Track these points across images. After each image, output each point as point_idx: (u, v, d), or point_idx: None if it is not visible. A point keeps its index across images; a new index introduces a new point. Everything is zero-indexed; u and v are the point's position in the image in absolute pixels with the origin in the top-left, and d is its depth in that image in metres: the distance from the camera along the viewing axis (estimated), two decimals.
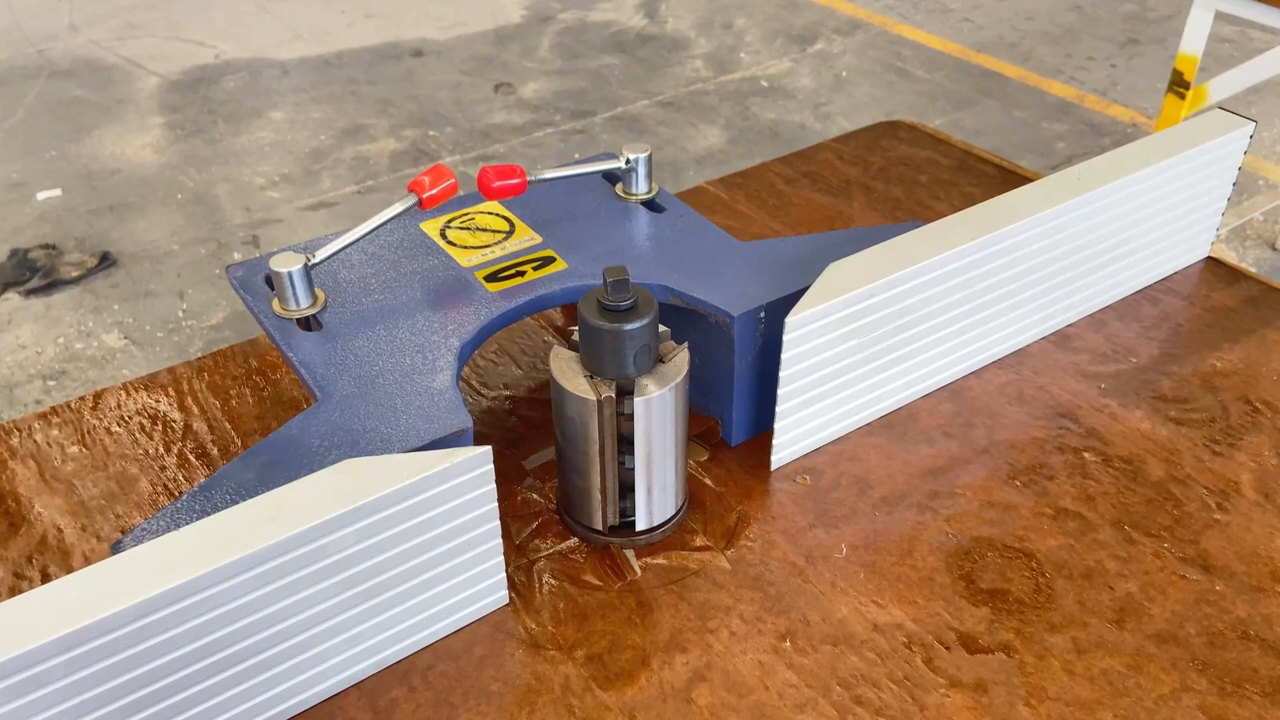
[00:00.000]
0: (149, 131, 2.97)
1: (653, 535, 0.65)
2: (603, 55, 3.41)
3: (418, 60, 3.38)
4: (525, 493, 0.69)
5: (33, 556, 0.65)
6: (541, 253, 0.72)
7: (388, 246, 0.73)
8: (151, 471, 0.71)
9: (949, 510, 0.67)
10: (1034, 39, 3.45)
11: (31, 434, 0.74)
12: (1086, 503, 0.67)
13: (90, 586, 0.47)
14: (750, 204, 0.99)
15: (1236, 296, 0.85)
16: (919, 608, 0.61)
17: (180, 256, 2.43)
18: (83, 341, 2.18)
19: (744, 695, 0.56)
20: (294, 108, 3.09)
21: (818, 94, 3.14)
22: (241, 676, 0.52)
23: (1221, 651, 0.58)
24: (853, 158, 1.07)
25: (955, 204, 0.99)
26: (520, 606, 0.61)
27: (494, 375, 0.79)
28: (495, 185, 0.71)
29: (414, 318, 0.66)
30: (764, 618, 0.60)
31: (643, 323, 0.57)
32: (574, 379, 0.59)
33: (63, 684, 0.46)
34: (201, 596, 0.48)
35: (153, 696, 0.49)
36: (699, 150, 2.84)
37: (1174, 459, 0.70)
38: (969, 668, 0.57)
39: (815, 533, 0.65)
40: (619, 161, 0.77)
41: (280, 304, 0.66)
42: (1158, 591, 0.61)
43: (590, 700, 0.56)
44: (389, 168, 2.78)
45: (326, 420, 0.59)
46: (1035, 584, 0.62)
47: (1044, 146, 2.82)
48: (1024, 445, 0.72)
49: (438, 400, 0.60)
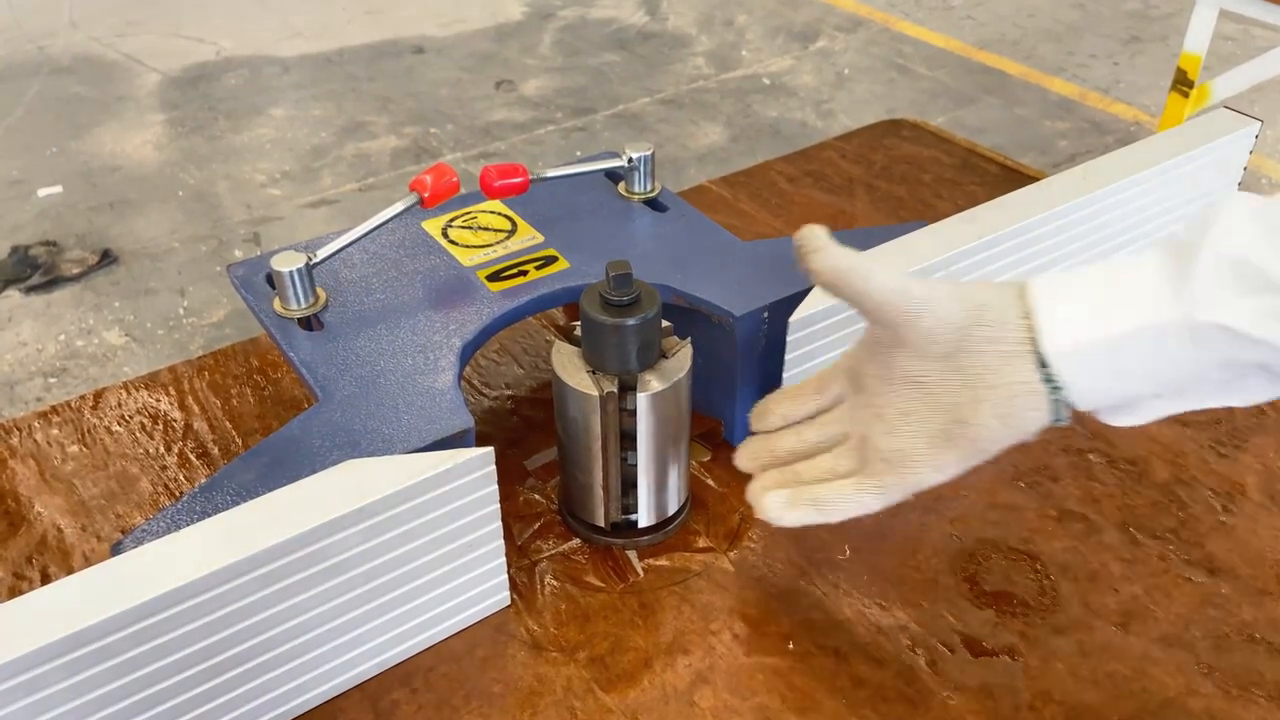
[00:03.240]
0: (149, 128, 2.97)
1: (655, 536, 0.65)
2: (604, 52, 3.41)
3: (418, 57, 3.38)
4: (527, 493, 0.68)
5: (33, 557, 0.65)
6: (543, 252, 0.72)
7: (389, 245, 0.73)
8: (152, 471, 0.70)
9: (953, 512, 0.67)
10: (1036, 36, 3.44)
11: (31, 433, 0.74)
12: (1091, 504, 0.67)
13: (91, 588, 0.47)
14: (753, 203, 0.99)
15: None
16: (923, 610, 0.60)
17: (181, 254, 2.43)
18: (83, 339, 2.17)
19: (747, 698, 0.56)
20: (294, 105, 3.09)
21: (819, 91, 3.14)
22: (243, 678, 0.52)
23: (1227, 654, 0.58)
24: (855, 156, 1.07)
25: (959, 203, 0.98)
26: (522, 608, 0.61)
27: (496, 375, 0.79)
28: (497, 184, 0.70)
29: (416, 317, 0.66)
30: (767, 620, 0.60)
31: (645, 317, 0.57)
32: (576, 374, 0.59)
33: (63, 686, 0.46)
34: (203, 598, 0.48)
35: (154, 698, 0.49)
36: (700, 148, 2.84)
37: (1179, 461, 0.70)
38: (973, 671, 0.57)
39: (818, 534, 0.65)
40: (621, 160, 0.77)
41: (281, 303, 0.66)
42: (1163, 594, 0.61)
43: (592, 702, 0.56)
44: (390, 165, 2.78)
45: (328, 420, 0.58)
46: (1040, 586, 0.62)
47: (1046, 144, 2.81)
48: (1028, 446, 0.71)
49: (439, 400, 0.59)
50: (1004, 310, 0.49)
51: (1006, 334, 0.49)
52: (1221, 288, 0.46)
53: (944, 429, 0.51)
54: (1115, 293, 0.48)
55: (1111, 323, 0.47)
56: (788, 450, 0.57)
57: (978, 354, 0.49)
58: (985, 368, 0.49)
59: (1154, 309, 0.47)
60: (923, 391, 0.51)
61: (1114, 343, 0.47)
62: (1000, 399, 0.49)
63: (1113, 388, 0.49)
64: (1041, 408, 0.49)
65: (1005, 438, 0.50)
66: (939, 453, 0.51)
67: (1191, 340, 0.46)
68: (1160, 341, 0.47)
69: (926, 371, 0.51)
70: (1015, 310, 0.49)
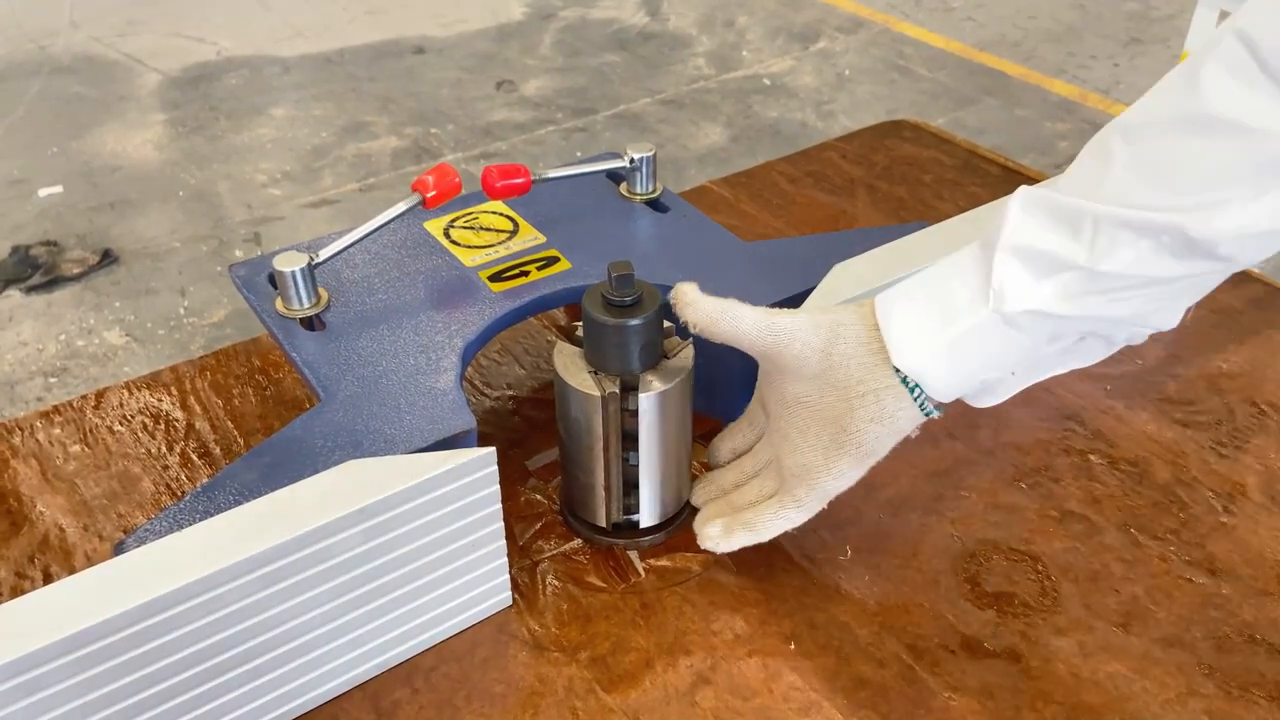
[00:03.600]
0: (150, 128, 2.97)
1: (656, 536, 0.65)
2: (604, 53, 3.41)
3: (419, 57, 3.38)
4: (528, 493, 0.69)
5: (34, 556, 0.65)
6: (545, 252, 0.72)
7: (391, 246, 0.73)
8: (154, 471, 0.70)
9: (954, 512, 0.67)
10: (1036, 37, 3.44)
11: (33, 433, 0.74)
12: (1092, 505, 0.67)
13: (94, 587, 0.47)
14: (754, 203, 0.99)
15: (1242, 298, 0.85)
16: (924, 610, 0.60)
17: (181, 254, 2.43)
18: (84, 338, 2.17)
19: (748, 698, 0.56)
20: (295, 105, 3.09)
21: (820, 92, 3.14)
22: (244, 678, 0.52)
23: (1228, 655, 0.58)
24: (856, 157, 1.07)
25: (960, 204, 0.98)
26: (524, 608, 0.61)
27: (497, 375, 0.79)
28: (499, 185, 0.70)
29: (417, 317, 0.66)
30: (768, 620, 0.60)
31: (647, 317, 0.57)
32: (578, 375, 0.59)
33: (65, 685, 0.46)
34: (205, 598, 0.48)
35: (156, 698, 0.49)
36: (700, 148, 2.84)
37: (1180, 461, 0.70)
38: (974, 671, 0.57)
39: (819, 535, 0.65)
40: (623, 161, 0.77)
41: (283, 303, 0.66)
42: (1164, 595, 0.61)
43: (594, 702, 0.56)
44: (390, 165, 2.78)
45: (330, 420, 0.58)
46: (1041, 587, 0.62)
47: (1046, 145, 2.81)
48: (1029, 447, 0.71)
49: (441, 401, 0.59)
50: (857, 328, 0.56)
51: (862, 348, 0.55)
52: (1019, 278, 0.52)
53: (833, 438, 0.57)
54: (940, 303, 0.54)
55: (943, 329, 0.54)
56: (731, 483, 0.64)
57: (843, 369, 0.56)
58: (851, 379, 0.56)
59: (971, 311, 0.53)
60: (807, 409, 0.57)
61: (949, 344, 0.54)
62: (870, 404, 0.55)
63: (963, 380, 0.55)
64: (908, 404, 0.55)
65: (885, 436, 0.56)
66: (833, 460, 0.57)
67: (1013, 328, 0.53)
68: (985, 336, 0.53)
69: (807, 391, 0.57)
70: (867, 325, 0.56)
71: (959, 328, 0.53)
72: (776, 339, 0.56)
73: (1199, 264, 0.50)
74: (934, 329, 0.54)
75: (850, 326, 0.56)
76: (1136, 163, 0.50)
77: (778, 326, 0.56)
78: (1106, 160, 0.51)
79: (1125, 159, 0.51)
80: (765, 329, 0.56)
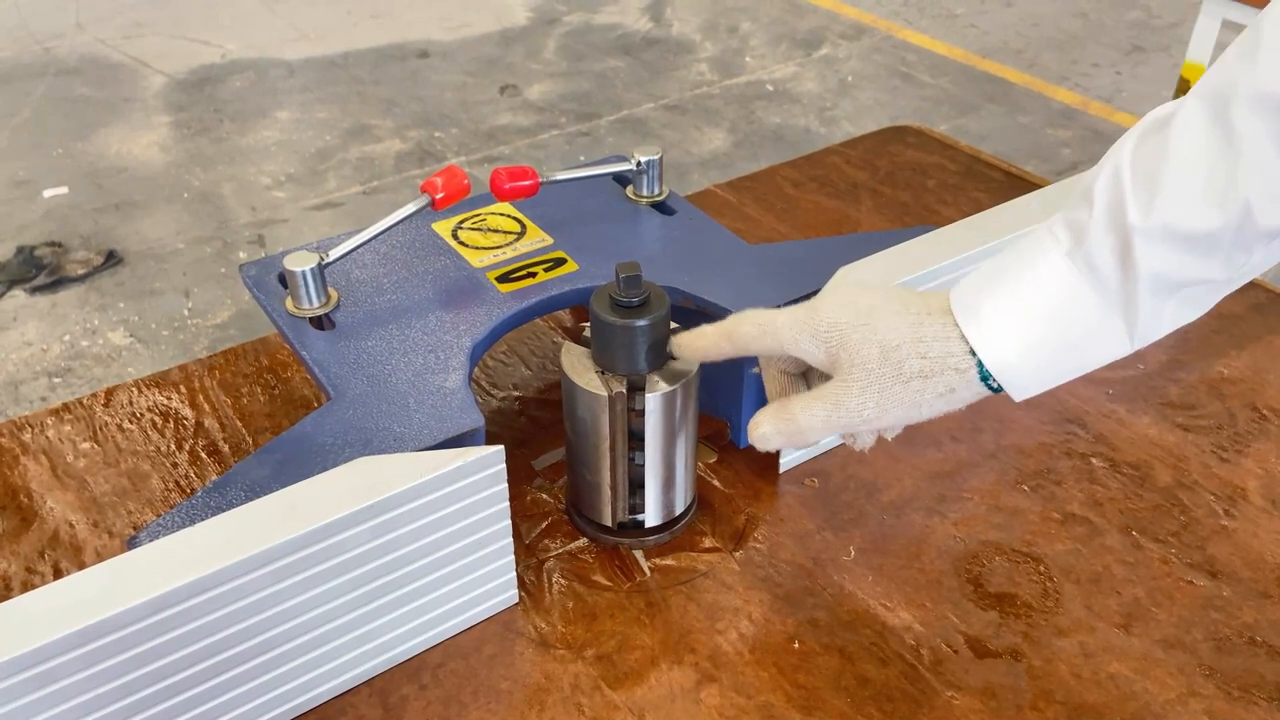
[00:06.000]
0: (155, 130, 2.98)
1: (662, 535, 0.65)
2: (608, 58, 3.42)
3: (423, 61, 3.39)
4: (534, 493, 0.69)
5: (45, 552, 0.65)
6: (553, 254, 0.72)
7: (400, 246, 0.73)
8: (163, 468, 0.71)
9: (957, 514, 0.67)
10: (1039, 45, 3.45)
11: (43, 430, 0.74)
12: (1094, 508, 0.68)
13: (106, 581, 0.47)
14: (758, 207, 1.00)
15: (1244, 303, 0.85)
16: (927, 611, 0.61)
17: (186, 255, 2.44)
18: (88, 339, 2.18)
19: (752, 696, 0.56)
20: (299, 107, 3.10)
21: (822, 98, 3.15)
22: (254, 672, 0.52)
23: (1228, 657, 0.58)
24: (860, 162, 1.07)
25: (963, 209, 0.99)
26: (530, 606, 0.62)
27: (503, 376, 0.80)
28: (508, 186, 0.71)
29: (426, 317, 0.67)
30: (772, 619, 0.61)
31: (654, 318, 0.58)
32: (585, 375, 0.60)
33: (76, 679, 0.46)
34: (215, 592, 0.49)
35: (165, 691, 0.50)
36: (704, 153, 2.85)
37: (1181, 465, 0.71)
38: (976, 671, 0.58)
39: (823, 535, 0.65)
40: (630, 164, 0.78)
41: (293, 303, 0.67)
42: (1165, 596, 0.62)
43: (599, 699, 0.56)
44: (394, 168, 2.78)
45: (340, 418, 0.59)
46: (1043, 588, 0.62)
47: (1049, 152, 2.82)
48: (1031, 450, 0.72)
49: (450, 399, 0.60)
50: (946, 342, 0.53)
51: (949, 364, 0.53)
52: (1157, 273, 0.49)
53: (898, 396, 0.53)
54: (1062, 333, 0.52)
55: (1065, 353, 0.52)
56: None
57: (932, 377, 0.53)
58: (939, 381, 0.53)
59: (1103, 346, 0.52)
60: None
61: (1064, 374, 0.53)
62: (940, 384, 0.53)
63: (1049, 383, 0.54)
64: (977, 390, 0.53)
65: (944, 408, 0.54)
66: (886, 400, 0.53)
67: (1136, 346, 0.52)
68: (1104, 358, 0.52)
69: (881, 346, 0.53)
70: (953, 335, 0.53)
71: (1087, 356, 0.52)
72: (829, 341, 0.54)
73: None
74: (1056, 358, 0.52)
75: (934, 329, 0.53)
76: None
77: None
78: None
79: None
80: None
